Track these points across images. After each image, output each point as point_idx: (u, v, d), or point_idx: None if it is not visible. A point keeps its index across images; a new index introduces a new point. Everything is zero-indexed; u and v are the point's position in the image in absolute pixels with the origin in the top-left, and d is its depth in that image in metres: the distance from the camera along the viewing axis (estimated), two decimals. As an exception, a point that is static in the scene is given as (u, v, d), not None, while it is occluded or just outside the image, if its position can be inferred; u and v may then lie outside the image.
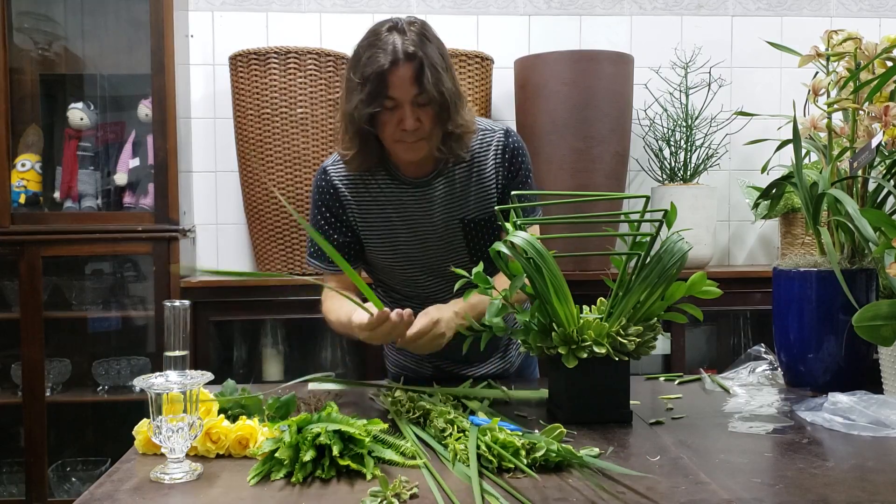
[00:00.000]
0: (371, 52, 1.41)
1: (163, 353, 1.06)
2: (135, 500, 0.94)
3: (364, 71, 1.41)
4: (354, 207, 1.59)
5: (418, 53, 1.40)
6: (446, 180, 1.57)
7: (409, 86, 1.41)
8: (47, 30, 2.79)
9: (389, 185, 1.58)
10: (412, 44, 1.40)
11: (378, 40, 1.42)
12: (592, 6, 2.94)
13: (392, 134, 1.46)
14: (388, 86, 1.40)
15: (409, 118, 1.42)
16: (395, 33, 1.41)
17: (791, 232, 2.73)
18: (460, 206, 1.58)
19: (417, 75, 1.40)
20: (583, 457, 1.02)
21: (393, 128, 1.45)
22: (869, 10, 3.01)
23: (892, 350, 1.30)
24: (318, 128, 2.57)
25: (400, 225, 1.59)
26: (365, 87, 1.41)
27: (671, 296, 1.26)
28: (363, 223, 1.60)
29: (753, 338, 2.90)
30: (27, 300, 2.48)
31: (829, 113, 1.49)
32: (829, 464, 1.05)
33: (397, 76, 1.40)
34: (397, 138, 1.46)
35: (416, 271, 1.63)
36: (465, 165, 1.58)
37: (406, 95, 1.42)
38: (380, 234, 1.60)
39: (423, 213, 1.58)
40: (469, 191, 1.58)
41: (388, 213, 1.58)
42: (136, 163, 2.69)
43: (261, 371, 2.75)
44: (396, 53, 1.39)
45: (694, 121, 2.71)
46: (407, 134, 1.45)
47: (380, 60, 1.39)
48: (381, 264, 1.65)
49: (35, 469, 2.49)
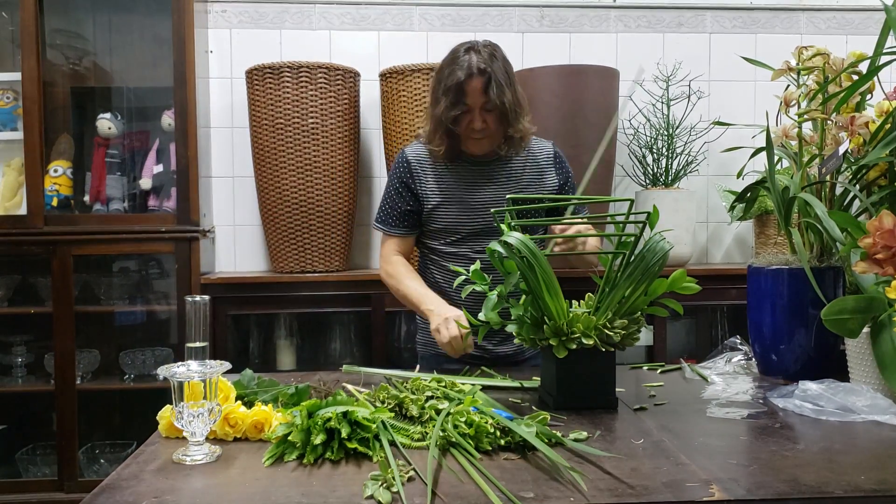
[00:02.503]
0: (451, 67, 1.67)
1: (184, 345, 1.06)
2: (158, 479, 0.94)
3: (447, 82, 1.67)
4: (423, 180, 1.79)
5: (488, 70, 1.64)
6: (503, 165, 1.80)
7: (479, 95, 1.66)
8: (78, 46, 2.79)
9: (458, 164, 1.79)
10: (483, 62, 1.65)
11: (458, 58, 1.67)
12: (581, 24, 2.94)
13: (465, 131, 1.71)
14: (464, 94, 1.66)
15: (477, 120, 1.68)
16: (472, 53, 1.67)
17: (764, 232, 2.73)
18: (513, 188, 1.79)
19: (486, 87, 1.65)
20: (563, 439, 1.03)
21: (466, 126, 1.70)
22: (836, 28, 3.01)
23: (857, 341, 1.29)
24: (329, 137, 2.57)
25: (460, 194, 1.77)
26: (448, 96, 1.66)
27: (654, 291, 1.26)
28: (429, 192, 1.78)
29: (730, 330, 2.90)
30: (59, 296, 2.48)
31: (799, 123, 1.49)
32: (800, 446, 1.05)
33: (471, 87, 1.65)
34: (469, 135, 1.71)
35: (461, 232, 1.79)
36: (521, 159, 1.81)
37: (476, 103, 1.67)
38: (441, 201, 1.78)
39: (480, 186, 1.78)
40: (522, 178, 1.80)
41: (451, 185, 1.78)
42: (160, 169, 2.69)
43: (275, 361, 2.74)
44: (471, 69, 1.64)
45: (675, 130, 2.71)
46: (475, 132, 1.70)
47: (458, 75, 1.64)
48: (435, 227, 1.81)
49: (66, 452, 2.49)
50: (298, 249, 2.61)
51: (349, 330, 2.84)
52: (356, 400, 1.16)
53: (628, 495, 0.86)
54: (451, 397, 1.19)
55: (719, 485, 0.89)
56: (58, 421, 2.49)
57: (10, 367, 2.65)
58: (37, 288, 2.63)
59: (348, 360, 2.80)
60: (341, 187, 2.61)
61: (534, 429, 1.02)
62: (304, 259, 2.62)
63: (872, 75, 1.38)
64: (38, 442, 2.67)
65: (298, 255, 2.62)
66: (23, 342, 2.65)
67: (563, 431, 1.08)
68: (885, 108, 1.41)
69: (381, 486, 0.88)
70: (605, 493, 0.87)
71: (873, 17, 2.99)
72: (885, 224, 1.20)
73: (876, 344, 1.22)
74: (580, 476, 0.90)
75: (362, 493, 0.87)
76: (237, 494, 0.89)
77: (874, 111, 1.44)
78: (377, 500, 0.85)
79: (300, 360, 2.77)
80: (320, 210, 2.58)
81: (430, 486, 0.88)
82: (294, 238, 2.60)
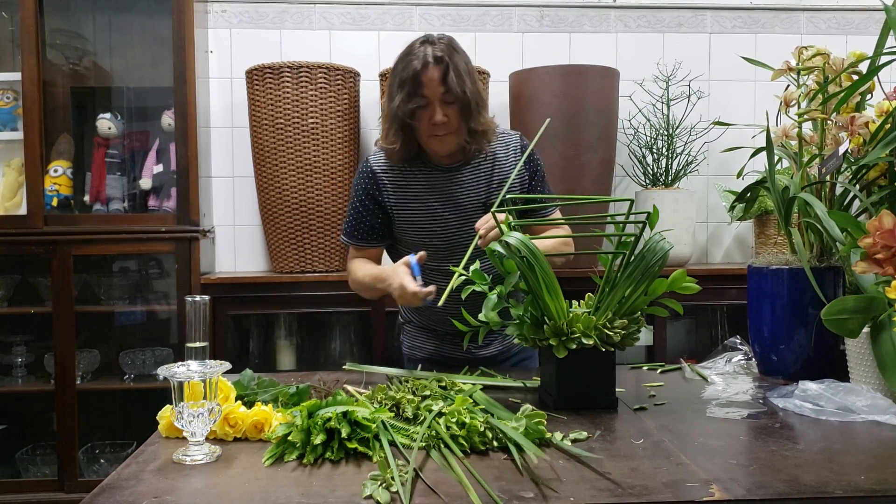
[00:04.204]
0: (406, 59, 1.58)
1: (184, 345, 1.06)
2: (158, 479, 0.94)
3: (402, 75, 1.57)
4: (391, 190, 1.70)
5: (445, 59, 1.56)
6: (472, 169, 1.70)
7: (437, 85, 1.56)
8: (78, 46, 2.78)
9: (423, 171, 1.70)
10: (440, 51, 1.57)
11: (413, 50, 1.59)
12: (581, 24, 2.94)
13: (426, 129, 1.60)
14: (421, 85, 1.56)
15: (438, 113, 1.57)
16: (427, 45, 1.58)
17: (764, 232, 2.73)
18: (483, 192, 1.70)
19: (444, 77, 1.55)
20: (552, 438, 1.03)
21: (426, 124, 1.59)
22: (836, 28, 3.01)
23: (857, 341, 1.29)
24: (328, 137, 2.57)
25: (430, 204, 1.69)
26: (403, 89, 1.57)
27: (654, 291, 1.26)
28: (397, 203, 1.70)
29: (730, 330, 2.90)
30: (59, 295, 2.48)
31: (799, 123, 1.49)
32: (800, 446, 1.05)
33: (427, 77, 1.55)
34: (430, 133, 1.61)
35: (437, 245, 1.70)
36: (490, 159, 1.70)
37: (435, 94, 1.56)
38: (411, 213, 1.70)
39: (450, 194, 1.69)
40: (492, 179, 1.70)
41: (420, 195, 1.69)
42: (160, 169, 2.69)
43: (275, 361, 2.74)
44: (427, 59, 1.56)
45: (675, 130, 2.71)
46: (438, 128, 1.59)
47: (414, 65, 1.56)
48: (407, 240, 1.73)
49: (66, 451, 2.49)
50: (298, 249, 2.61)
51: (349, 330, 2.84)
52: (356, 400, 1.16)
53: (628, 495, 0.86)
54: (449, 397, 1.19)
55: (719, 485, 0.89)
56: (58, 421, 2.49)
57: (10, 367, 2.65)
58: (37, 288, 2.63)
59: (348, 360, 2.80)
60: (341, 187, 2.61)
61: (522, 427, 1.02)
62: (304, 259, 2.62)
63: (872, 75, 1.38)
64: (38, 442, 2.67)
65: (298, 255, 2.62)
66: (23, 342, 2.65)
67: (563, 431, 1.08)
68: (885, 108, 1.41)
69: (381, 486, 0.88)
70: (605, 493, 0.87)
71: (873, 17, 2.99)
72: (885, 224, 1.20)
73: (876, 344, 1.22)
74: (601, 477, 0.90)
75: (361, 493, 0.87)
76: (237, 494, 0.89)
77: (874, 111, 1.44)
78: (376, 500, 0.84)
79: (300, 360, 2.77)
80: (320, 210, 2.58)
81: (409, 492, 0.88)
82: (294, 238, 2.60)
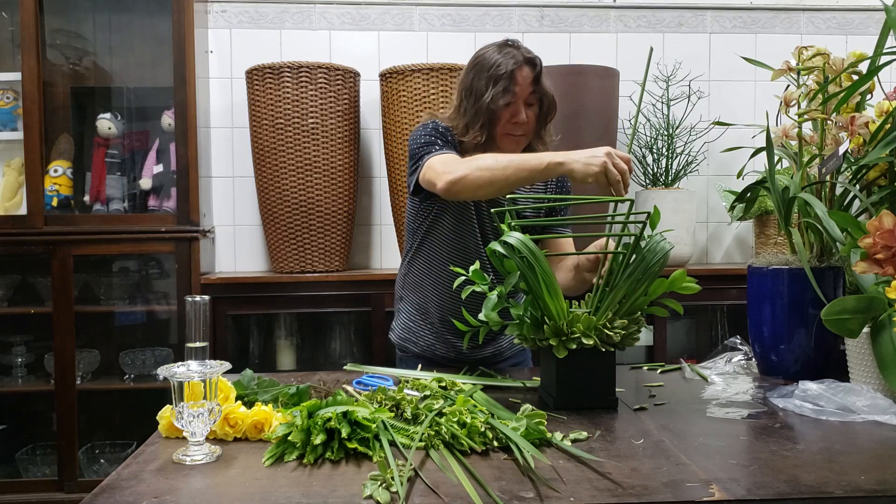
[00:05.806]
0: (498, 58, 1.61)
1: (184, 345, 1.06)
2: (158, 480, 0.94)
3: (495, 73, 1.59)
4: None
5: (537, 62, 1.62)
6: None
7: (529, 84, 1.61)
8: (78, 46, 2.79)
9: None
10: (530, 54, 1.63)
11: (502, 50, 1.62)
12: (581, 24, 2.94)
13: (503, 127, 1.62)
14: (515, 82, 1.59)
15: (522, 112, 1.61)
16: (513, 48, 1.63)
17: (764, 232, 2.73)
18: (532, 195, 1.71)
19: (537, 77, 1.61)
20: (552, 438, 1.03)
21: (505, 122, 1.62)
22: (836, 28, 3.01)
23: (857, 341, 1.29)
24: (329, 137, 2.57)
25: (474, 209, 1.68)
26: (497, 84, 1.58)
27: (654, 291, 1.26)
28: None
29: (730, 330, 2.91)
30: (59, 296, 2.48)
31: (799, 123, 1.49)
32: (800, 447, 1.05)
33: (522, 75, 1.60)
34: (507, 131, 1.63)
35: (468, 242, 1.68)
36: None
37: (524, 93, 1.61)
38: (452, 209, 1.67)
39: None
40: (536, 188, 1.74)
41: None
42: (160, 169, 2.69)
43: (275, 361, 2.74)
44: (523, 58, 1.61)
45: (675, 130, 2.71)
46: (517, 127, 1.63)
47: (510, 62, 1.59)
48: (442, 228, 1.69)
49: (66, 451, 2.49)
50: (298, 249, 2.61)
51: (349, 330, 2.84)
52: (356, 400, 1.16)
53: (628, 495, 0.86)
54: (449, 397, 1.19)
55: (719, 485, 0.89)
56: (58, 421, 2.49)
57: (10, 367, 2.65)
58: (37, 288, 2.63)
59: (348, 360, 2.80)
60: (341, 187, 2.61)
61: (522, 427, 1.02)
62: (304, 259, 2.62)
63: (872, 75, 1.38)
64: (38, 442, 2.67)
65: (298, 255, 2.62)
66: (23, 342, 2.65)
67: (563, 431, 1.08)
68: (885, 108, 1.41)
69: (381, 486, 0.88)
70: (605, 493, 0.87)
71: (873, 17, 2.99)
72: (885, 224, 1.20)
73: (876, 344, 1.22)
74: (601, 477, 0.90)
75: (362, 493, 0.87)
76: (237, 494, 0.89)
77: (874, 111, 1.44)
78: (376, 500, 0.84)
79: (300, 360, 2.77)
80: (320, 210, 2.59)
81: (404, 491, 0.88)
82: (294, 238, 2.60)
